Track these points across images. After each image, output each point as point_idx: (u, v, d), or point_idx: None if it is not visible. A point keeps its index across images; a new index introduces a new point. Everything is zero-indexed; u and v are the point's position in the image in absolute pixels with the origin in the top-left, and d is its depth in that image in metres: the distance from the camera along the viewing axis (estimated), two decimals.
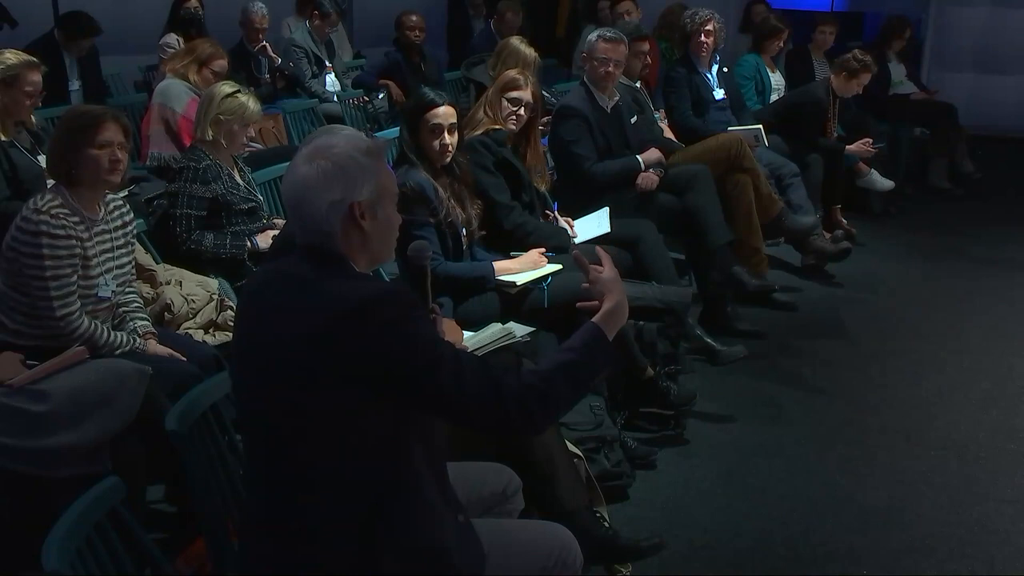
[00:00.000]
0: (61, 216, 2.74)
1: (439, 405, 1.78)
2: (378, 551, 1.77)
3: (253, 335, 1.85)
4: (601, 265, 2.06)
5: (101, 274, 2.87)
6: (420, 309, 1.82)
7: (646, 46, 5.25)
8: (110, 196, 3.00)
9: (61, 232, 2.73)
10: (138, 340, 2.94)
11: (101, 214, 2.91)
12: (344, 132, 1.91)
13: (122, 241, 2.99)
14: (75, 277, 2.78)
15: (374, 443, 1.76)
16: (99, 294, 2.88)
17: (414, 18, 6.81)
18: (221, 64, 4.90)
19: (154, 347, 2.96)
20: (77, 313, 2.80)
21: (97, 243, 2.86)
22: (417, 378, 1.74)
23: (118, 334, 2.90)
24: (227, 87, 3.69)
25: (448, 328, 2.82)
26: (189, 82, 4.84)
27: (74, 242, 2.76)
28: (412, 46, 6.83)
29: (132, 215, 3.09)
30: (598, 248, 2.24)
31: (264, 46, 6.32)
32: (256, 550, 1.87)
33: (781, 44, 6.38)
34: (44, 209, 2.73)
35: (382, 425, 1.76)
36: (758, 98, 6.29)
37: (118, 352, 2.86)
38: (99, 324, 2.86)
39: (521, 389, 1.80)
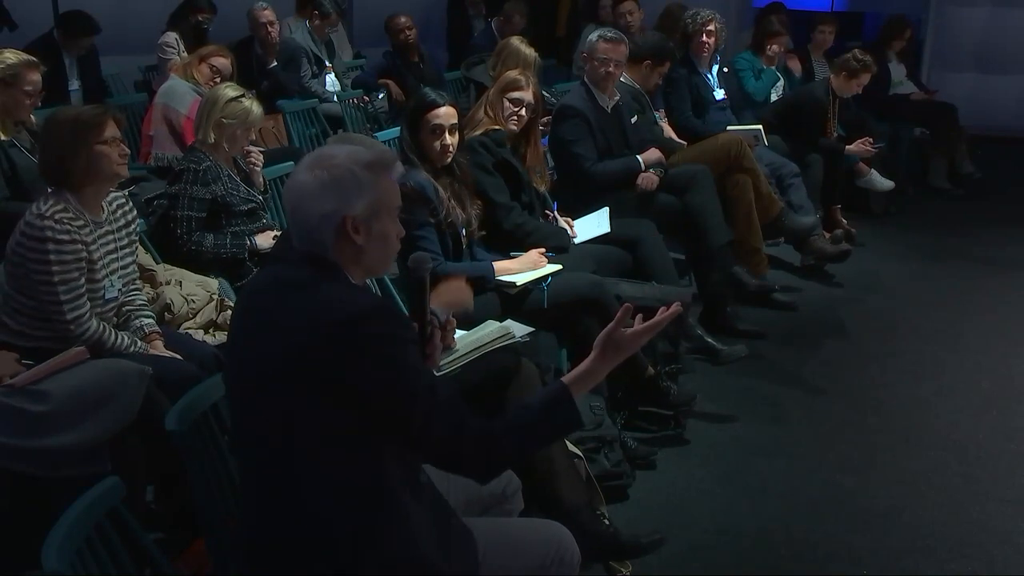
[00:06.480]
0: (66, 221, 2.73)
1: (402, 430, 1.78)
2: (359, 560, 1.77)
3: (247, 339, 1.87)
4: (639, 320, 1.92)
5: (107, 276, 2.87)
6: (408, 330, 1.81)
7: (667, 66, 5.11)
8: (113, 195, 2.99)
9: (66, 237, 2.72)
10: (140, 343, 2.94)
11: (105, 215, 2.91)
12: (351, 143, 1.90)
13: (126, 241, 2.98)
14: (83, 280, 2.78)
15: (355, 453, 1.76)
16: (105, 296, 2.88)
17: (402, 19, 6.80)
18: (221, 62, 4.88)
19: (159, 349, 2.96)
20: (87, 315, 2.80)
21: (101, 245, 2.86)
22: (390, 402, 1.74)
23: (123, 336, 2.90)
24: (231, 91, 3.68)
25: (455, 288, 2.67)
26: (193, 80, 4.84)
27: (79, 246, 2.75)
28: (407, 46, 6.82)
29: (135, 212, 3.09)
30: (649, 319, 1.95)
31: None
32: (249, 553, 1.88)
33: (778, 48, 6.35)
34: (48, 215, 2.72)
35: (362, 435, 1.76)
36: (756, 82, 6.25)
37: (123, 354, 2.85)
38: (107, 327, 2.86)
39: (480, 439, 1.81)
